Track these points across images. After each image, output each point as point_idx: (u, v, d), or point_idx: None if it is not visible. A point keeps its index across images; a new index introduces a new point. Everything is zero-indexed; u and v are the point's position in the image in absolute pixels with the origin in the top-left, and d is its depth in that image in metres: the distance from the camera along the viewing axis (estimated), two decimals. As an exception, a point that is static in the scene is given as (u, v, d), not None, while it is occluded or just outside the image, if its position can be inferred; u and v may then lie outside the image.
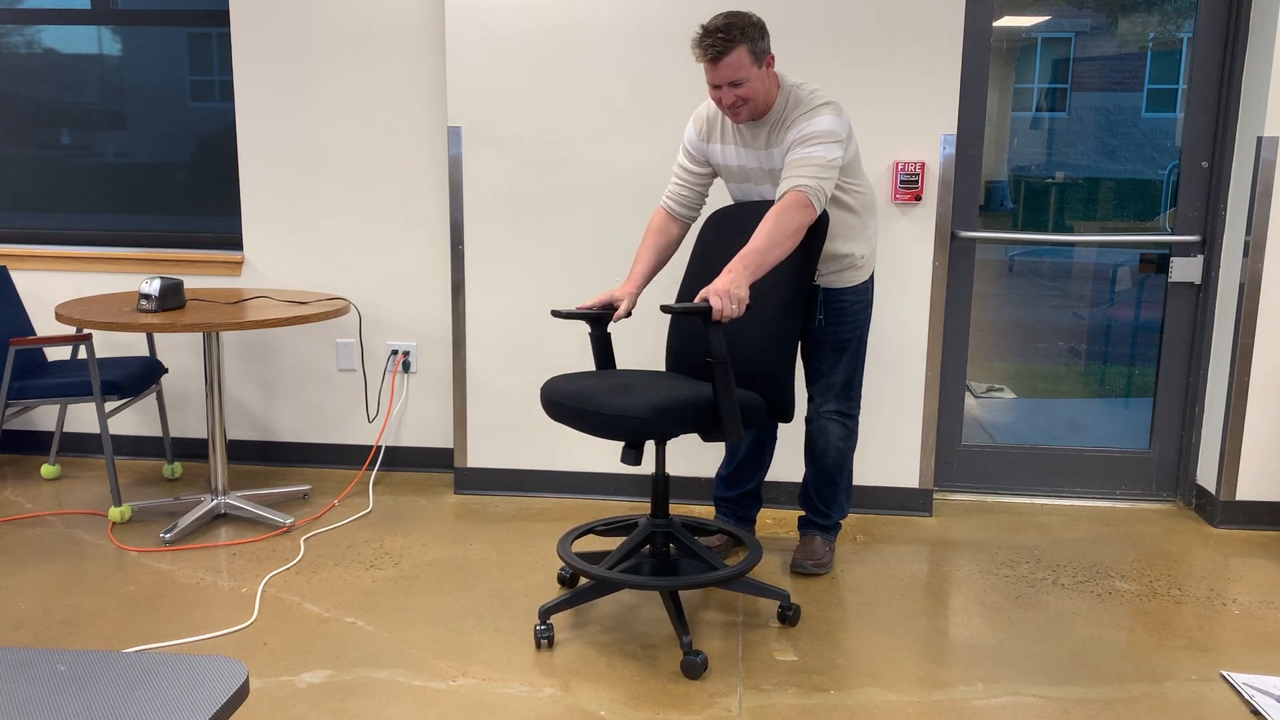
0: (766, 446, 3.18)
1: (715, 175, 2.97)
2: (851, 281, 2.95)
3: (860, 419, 3.59)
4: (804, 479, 3.18)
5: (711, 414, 2.55)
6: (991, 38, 3.51)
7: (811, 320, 2.96)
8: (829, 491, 3.13)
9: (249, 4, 3.76)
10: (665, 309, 2.44)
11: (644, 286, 2.92)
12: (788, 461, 3.64)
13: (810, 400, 3.08)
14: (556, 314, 2.80)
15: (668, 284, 3.57)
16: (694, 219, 3.00)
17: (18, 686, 1.20)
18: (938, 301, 3.49)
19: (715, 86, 2.68)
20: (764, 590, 2.80)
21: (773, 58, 2.70)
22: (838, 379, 3.02)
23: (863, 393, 3.56)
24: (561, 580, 3.02)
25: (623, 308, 2.83)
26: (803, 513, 3.23)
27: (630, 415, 2.45)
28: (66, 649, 1.32)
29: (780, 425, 3.55)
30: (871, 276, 3.01)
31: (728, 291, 2.42)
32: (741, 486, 3.20)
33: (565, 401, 2.60)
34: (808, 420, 3.10)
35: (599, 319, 2.87)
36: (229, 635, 2.69)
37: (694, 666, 2.51)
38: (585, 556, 2.79)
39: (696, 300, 2.46)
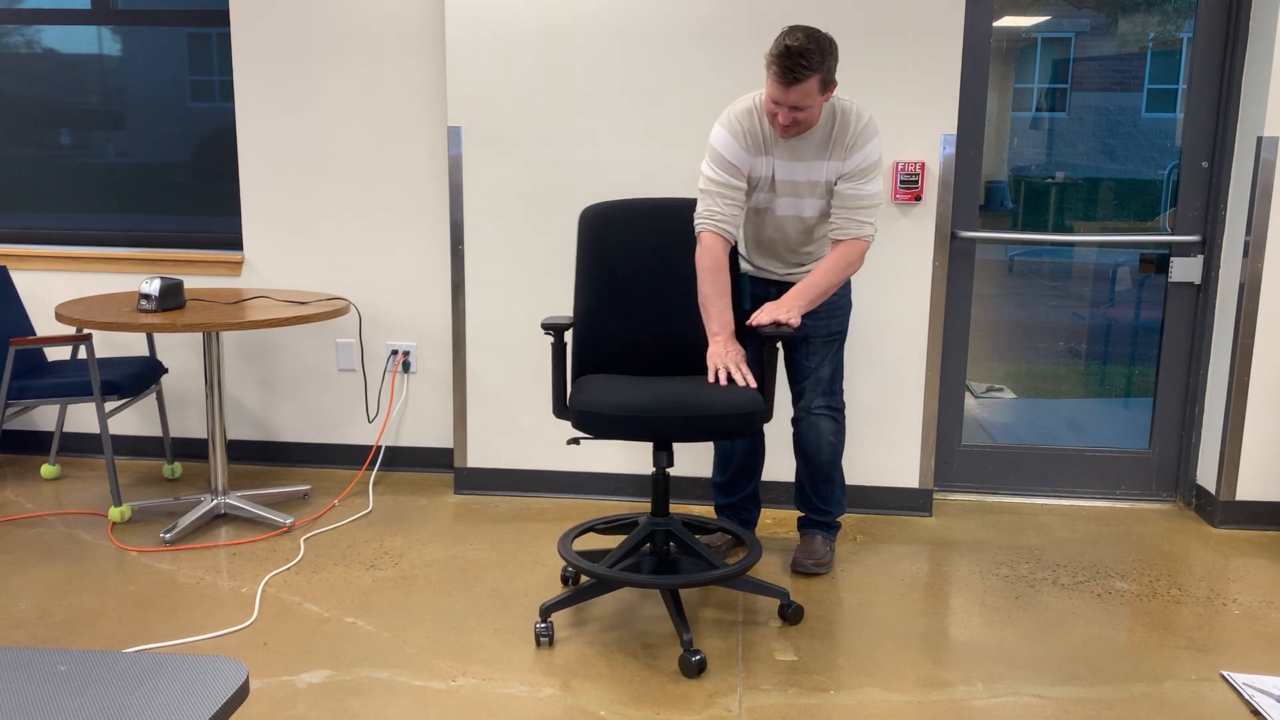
0: (759, 447, 3.18)
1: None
2: None
3: (855, 418, 3.59)
4: (797, 479, 3.18)
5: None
6: (991, 38, 3.51)
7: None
8: (826, 488, 3.13)
9: (249, 4, 3.76)
10: (752, 326, 2.71)
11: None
12: (786, 461, 3.64)
13: (798, 400, 3.06)
14: (549, 328, 2.78)
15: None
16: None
17: (18, 686, 1.20)
18: (938, 301, 3.49)
19: (775, 103, 2.67)
20: (764, 588, 2.80)
21: (835, 84, 2.70)
22: (825, 372, 3.02)
23: (862, 393, 3.57)
24: (565, 579, 3.02)
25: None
26: (801, 513, 3.23)
27: (746, 411, 2.58)
28: (66, 649, 1.32)
29: (774, 426, 3.56)
30: None
31: (791, 317, 2.70)
32: (741, 491, 3.20)
33: (634, 414, 2.53)
34: (796, 421, 3.08)
35: (562, 331, 2.81)
36: (229, 635, 2.69)
37: (694, 665, 2.51)
38: (586, 555, 2.78)
39: (778, 314, 2.70)
